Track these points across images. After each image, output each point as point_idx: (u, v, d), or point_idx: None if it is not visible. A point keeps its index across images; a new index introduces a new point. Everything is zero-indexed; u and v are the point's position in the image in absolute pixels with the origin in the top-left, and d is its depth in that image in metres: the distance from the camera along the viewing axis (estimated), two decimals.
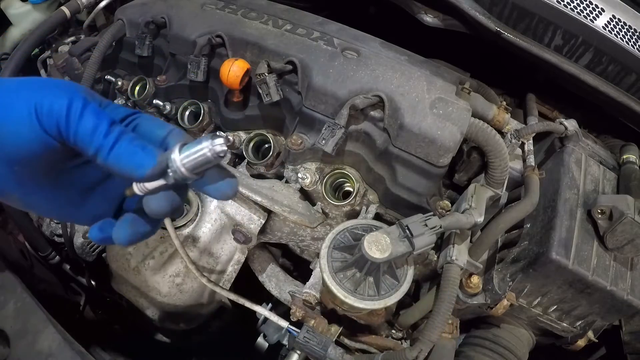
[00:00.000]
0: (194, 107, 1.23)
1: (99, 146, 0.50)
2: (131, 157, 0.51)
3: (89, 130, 0.50)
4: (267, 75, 1.01)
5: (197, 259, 1.14)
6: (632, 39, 1.14)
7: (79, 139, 0.50)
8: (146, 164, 0.52)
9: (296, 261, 1.38)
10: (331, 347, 0.89)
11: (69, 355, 0.90)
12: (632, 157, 1.12)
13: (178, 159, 0.52)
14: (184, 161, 0.52)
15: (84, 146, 0.51)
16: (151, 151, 0.52)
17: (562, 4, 1.11)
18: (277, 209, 1.01)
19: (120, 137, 0.51)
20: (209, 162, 0.52)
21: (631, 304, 0.92)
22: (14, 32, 1.71)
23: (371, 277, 0.86)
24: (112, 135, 0.51)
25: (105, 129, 0.50)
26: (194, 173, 0.53)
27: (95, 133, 0.50)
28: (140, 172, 0.52)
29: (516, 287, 0.96)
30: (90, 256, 1.40)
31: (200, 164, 0.52)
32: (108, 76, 1.37)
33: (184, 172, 0.52)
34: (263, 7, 1.21)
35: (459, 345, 1.11)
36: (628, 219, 0.89)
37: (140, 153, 0.52)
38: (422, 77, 1.00)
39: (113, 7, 1.47)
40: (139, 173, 0.52)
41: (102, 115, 0.51)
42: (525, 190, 0.99)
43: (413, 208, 1.00)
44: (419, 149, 0.95)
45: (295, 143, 1.03)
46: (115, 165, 0.52)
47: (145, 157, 0.52)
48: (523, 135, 1.05)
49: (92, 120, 0.50)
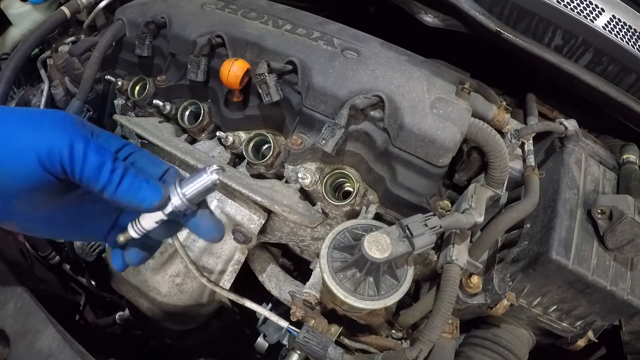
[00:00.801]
0: (194, 107, 1.23)
1: (107, 183, 0.54)
2: (137, 191, 0.56)
3: (94, 169, 0.53)
4: (267, 75, 1.01)
5: (197, 259, 1.14)
6: (632, 39, 1.14)
7: (85, 176, 0.53)
8: (152, 198, 0.56)
9: (296, 261, 1.38)
10: (331, 347, 0.89)
11: (69, 355, 0.90)
12: (632, 157, 1.12)
13: (180, 191, 0.58)
14: (185, 193, 0.58)
15: (90, 183, 0.54)
16: (155, 185, 0.57)
17: (562, 4, 1.11)
18: (277, 209, 1.01)
19: (126, 173, 0.55)
20: (208, 191, 0.59)
21: (631, 304, 0.92)
22: (14, 32, 1.71)
23: (371, 277, 0.86)
24: (117, 171, 0.54)
25: (110, 167, 0.54)
26: (193, 203, 0.60)
27: (101, 171, 0.53)
28: (147, 205, 0.56)
29: (516, 287, 0.96)
30: (90, 256, 1.40)
31: (200, 193, 0.59)
32: (108, 76, 1.37)
33: (185, 203, 0.58)
34: (263, 7, 1.21)
35: (459, 345, 1.11)
36: (628, 219, 0.89)
37: (146, 187, 0.56)
38: (422, 77, 1.00)
39: (113, 7, 1.47)
40: (146, 205, 0.56)
41: (104, 152, 0.54)
42: (525, 190, 0.99)
43: (413, 208, 1.00)
44: (419, 149, 0.95)
45: (295, 143, 1.03)
46: (124, 199, 0.56)
47: (151, 191, 0.57)
48: (523, 135, 1.05)
49: (97, 159, 0.53)
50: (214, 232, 0.63)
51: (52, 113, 0.55)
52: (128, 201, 0.56)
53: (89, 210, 0.64)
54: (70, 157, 0.51)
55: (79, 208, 0.62)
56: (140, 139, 1.24)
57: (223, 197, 1.14)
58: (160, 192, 0.57)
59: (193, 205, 0.60)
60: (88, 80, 1.26)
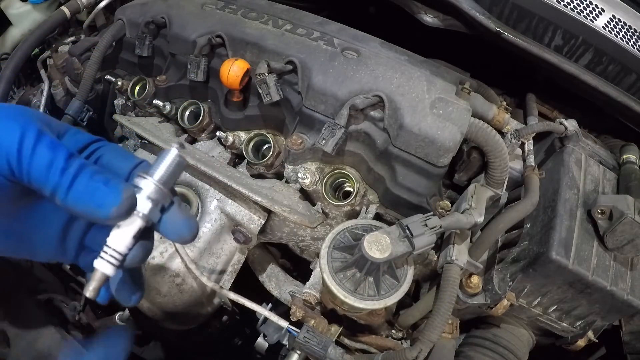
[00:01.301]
0: (194, 107, 1.23)
1: (56, 185, 0.44)
2: (92, 195, 0.45)
3: (43, 167, 0.43)
4: (267, 75, 1.01)
5: (197, 259, 1.13)
6: (632, 39, 1.14)
7: (33, 176, 0.43)
8: (109, 202, 0.45)
9: (296, 261, 1.38)
10: (331, 347, 0.89)
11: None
12: (632, 157, 1.12)
13: (151, 180, 0.48)
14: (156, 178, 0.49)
15: (39, 185, 0.44)
16: (115, 186, 0.46)
17: (562, 4, 1.11)
18: (277, 209, 1.01)
19: (80, 172, 0.45)
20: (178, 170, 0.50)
21: (631, 304, 0.92)
22: (14, 32, 1.71)
23: (371, 277, 0.86)
24: (69, 170, 0.44)
25: (61, 164, 0.44)
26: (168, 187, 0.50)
27: (50, 169, 0.43)
28: (104, 212, 0.45)
29: (516, 287, 0.96)
30: None
31: (171, 174, 0.50)
32: (108, 76, 1.37)
33: (160, 187, 0.48)
34: (263, 7, 1.21)
35: (459, 345, 1.11)
36: (628, 219, 0.89)
37: (103, 189, 0.45)
38: (422, 77, 1.00)
39: (113, 7, 1.47)
40: (102, 213, 0.45)
41: (58, 147, 0.44)
42: (525, 190, 0.99)
43: (413, 208, 1.00)
44: (419, 149, 0.95)
45: (295, 143, 1.03)
46: (75, 206, 0.45)
47: (109, 194, 0.45)
48: (523, 135, 1.05)
49: (47, 154, 0.43)
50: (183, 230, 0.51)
51: (7, 105, 0.47)
52: (82, 208, 0.45)
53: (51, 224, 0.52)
54: (18, 151, 0.42)
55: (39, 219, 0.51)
56: (140, 139, 1.24)
57: (223, 197, 1.14)
58: (120, 193, 0.45)
59: (168, 193, 0.50)
60: (88, 80, 1.26)
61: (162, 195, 0.49)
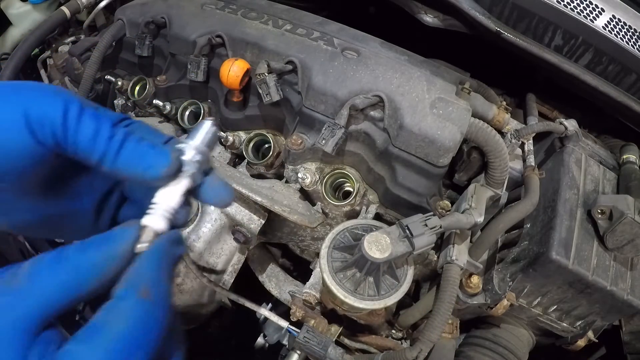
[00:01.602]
0: (194, 107, 1.23)
1: (105, 151, 0.46)
2: (142, 158, 0.47)
3: (90, 135, 0.45)
4: (267, 75, 1.01)
5: (197, 259, 1.13)
6: (632, 39, 1.14)
7: (80, 146, 0.45)
8: (159, 163, 0.47)
9: (296, 261, 1.38)
10: (331, 347, 0.89)
11: None
12: (632, 157, 1.12)
13: (193, 144, 0.52)
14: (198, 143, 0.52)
15: (86, 153, 0.46)
16: (162, 149, 0.49)
17: (562, 4, 1.11)
18: (277, 209, 1.01)
19: (126, 138, 0.47)
20: (215, 137, 0.55)
21: (631, 304, 0.92)
22: (14, 32, 1.71)
23: (371, 277, 0.86)
24: (116, 137, 0.46)
25: (107, 132, 0.46)
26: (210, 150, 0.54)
27: (97, 137, 0.45)
28: (155, 172, 0.47)
29: (516, 287, 0.96)
30: None
31: (210, 141, 0.54)
32: (108, 76, 1.37)
33: (204, 149, 0.52)
34: (263, 7, 1.21)
35: (459, 345, 1.11)
36: (628, 219, 0.89)
37: (152, 152, 0.48)
38: (422, 77, 1.00)
39: (113, 7, 1.47)
40: (153, 173, 0.47)
41: (102, 117, 0.47)
42: (525, 190, 0.99)
43: (413, 208, 1.00)
44: (419, 149, 0.95)
45: (295, 143, 1.03)
46: (126, 169, 0.47)
47: (158, 155, 0.48)
48: (523, 135, 1.05)
49: (92, 123, 0.45)
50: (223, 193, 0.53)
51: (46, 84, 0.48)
52: (132, 170, 0.47)
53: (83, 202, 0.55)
54: (63, 122, 0.44)
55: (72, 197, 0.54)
56: None
57: None
58: (169, 155, 0.48)
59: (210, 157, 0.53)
60: (88, 80, 1.26)
61: (205, 159, 0.52)
